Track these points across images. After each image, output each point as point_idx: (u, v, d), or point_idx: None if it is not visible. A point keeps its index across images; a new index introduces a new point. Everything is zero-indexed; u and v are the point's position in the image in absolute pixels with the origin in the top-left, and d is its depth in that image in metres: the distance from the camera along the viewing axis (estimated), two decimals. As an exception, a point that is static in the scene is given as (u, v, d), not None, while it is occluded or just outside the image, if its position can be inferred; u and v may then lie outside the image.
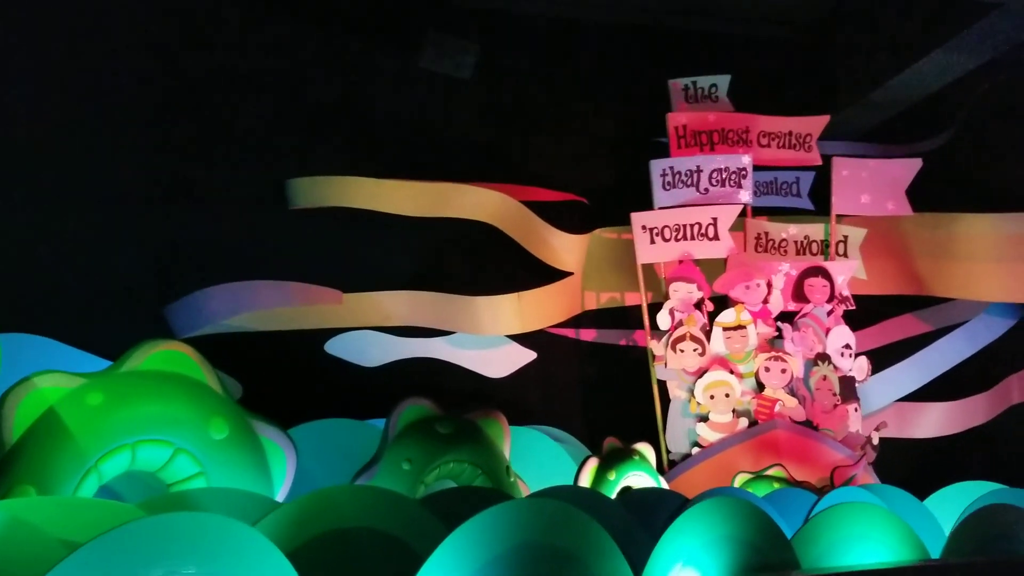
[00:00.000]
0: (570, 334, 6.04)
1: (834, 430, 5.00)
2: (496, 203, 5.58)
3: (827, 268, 5.21)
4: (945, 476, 5.27)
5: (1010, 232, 5.48)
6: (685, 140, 5.56)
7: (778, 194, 5.74)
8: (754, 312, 5.14)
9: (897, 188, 5.35)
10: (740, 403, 4.97)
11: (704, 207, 5.27)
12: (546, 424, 5.47)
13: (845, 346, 5.15)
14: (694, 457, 4.97)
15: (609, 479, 4.06)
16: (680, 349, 5.06)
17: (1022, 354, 5.96)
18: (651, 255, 5.31)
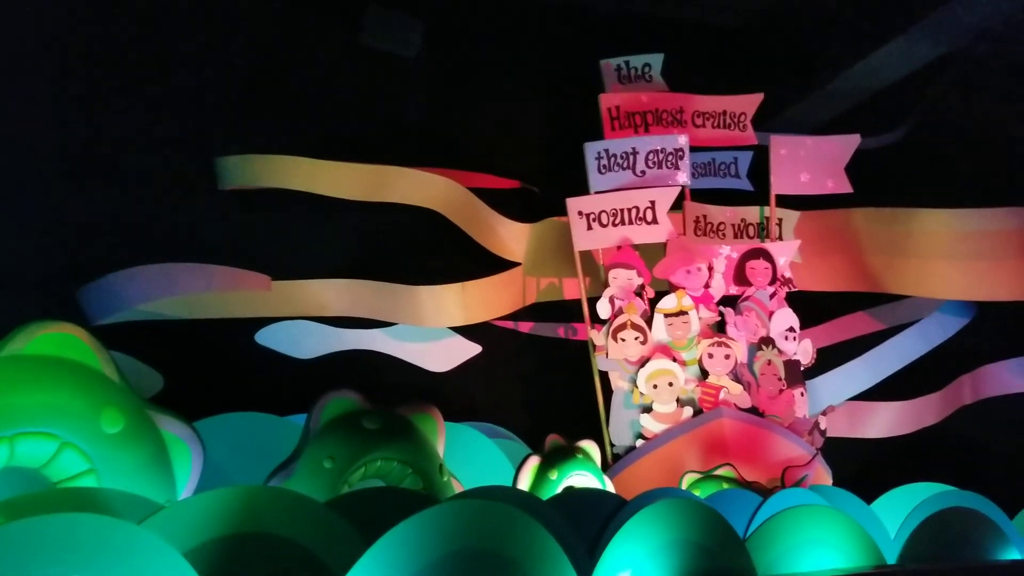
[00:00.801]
0: (516, 327, 5.77)
1: (781, 416, 4.83)
2: (441, 188, 5.31)
3: (768, 250, 5.05)
4: (895, 477, 5.21)
5: (966, 229, 5.38)
6: (619, 121, 5.35)
7: (716, 175, 5.58)
8: (696, 297, 4.96)
9: (836, 166, 5.21)
10: (684, 392, 4.80)
11: (641, 190, 5.06)
12: (490, 421, 5.25)
13: (789, 329, 4.99)
14: (638, 450, 4.76)
15: (551, 479, 3.83)
16: (621, 338, 4.86)
17: (974, 353, 5.88)
18: (589, 242, 5.09)
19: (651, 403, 4.79)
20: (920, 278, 5.52)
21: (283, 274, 5.17)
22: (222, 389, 4.60)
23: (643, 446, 4.76)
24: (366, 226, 5.51)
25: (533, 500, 3.21)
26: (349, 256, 5.50)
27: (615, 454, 4.91)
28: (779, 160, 5.22)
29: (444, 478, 3.40)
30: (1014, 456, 5.91)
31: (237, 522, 2.23)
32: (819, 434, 4.99)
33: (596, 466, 4.07)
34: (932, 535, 3.52)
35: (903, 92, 5.67)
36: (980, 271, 5.44)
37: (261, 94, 5.39)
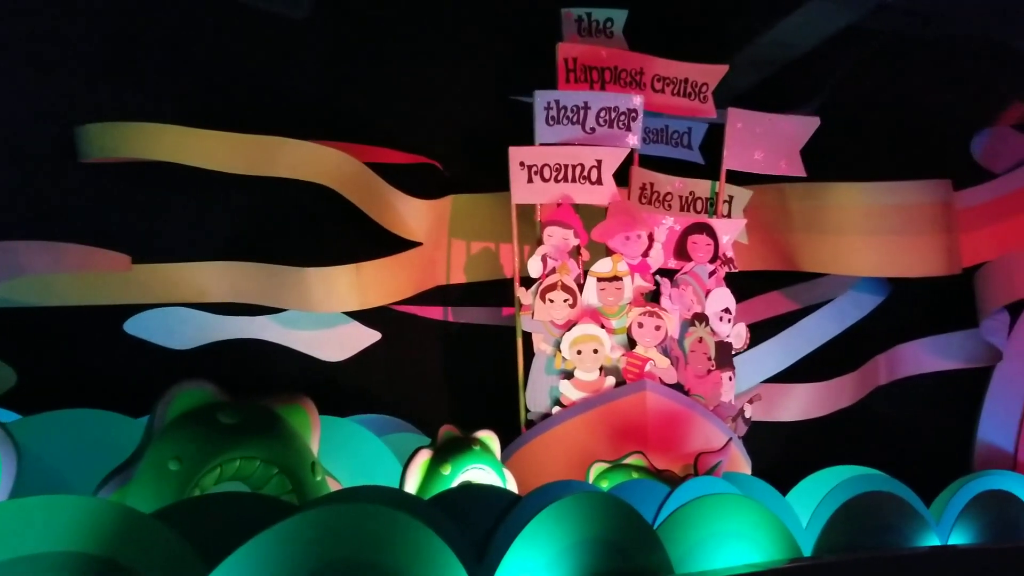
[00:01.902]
0: (423, 311, 5.40)
1: (705, 397, 4.61)
2: (333, 162, 4.89)
3: (712, 226, 4.81)
4: (812, 461, 5.05)
5: (881, 203, 5.27)
6: (575, 74, 5.04)
7: (668, 143, 5.32)
8: (632, 265, 4.69)
9: (792, 147, 5.01)
10: (609, 360, 4.51)
11: (589, 148, 4.78)
12: (395, 413, 4.89)
13: (725, 310, 4.77)
14: (554, 417, 4.47)
15: (443, 474, 3.47)
16: (550, 299, 4.54)
17: (889, 333, 5.78)
18: (527, 195, 4.77)
19: (573, 369, 4.51)
20: (835, 255, 5.38)
21: (155, 256, 4.70)
22: (88, 385, 4.11)
23: (559, 413, 4.48)
24: (249, 203, 5.03)
25: (413, 500, 2.86)
26: (230, 236, 5.02)
27: (529, 420, 4.63)
28: (734, 134, 5.00)
29: (317, 478, 3.01)
30: (930, 437, 5.83)
31: (34, 539, 1.81)
32: (743, 422, 4.78)
33: (495, 458, 3.72)
34: (848, 523, 3.30)
35: (816, 64, 5.49)
36: (895, 246, 5.34)
37: (128, 55, 4.84)
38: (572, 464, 4.06)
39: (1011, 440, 5.67)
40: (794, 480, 4.95)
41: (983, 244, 5.66)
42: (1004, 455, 5.67)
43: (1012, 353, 5.63)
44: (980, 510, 3.69)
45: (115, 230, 4.69)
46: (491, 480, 3.66)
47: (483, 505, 3.10)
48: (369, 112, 5.42)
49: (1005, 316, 5.66)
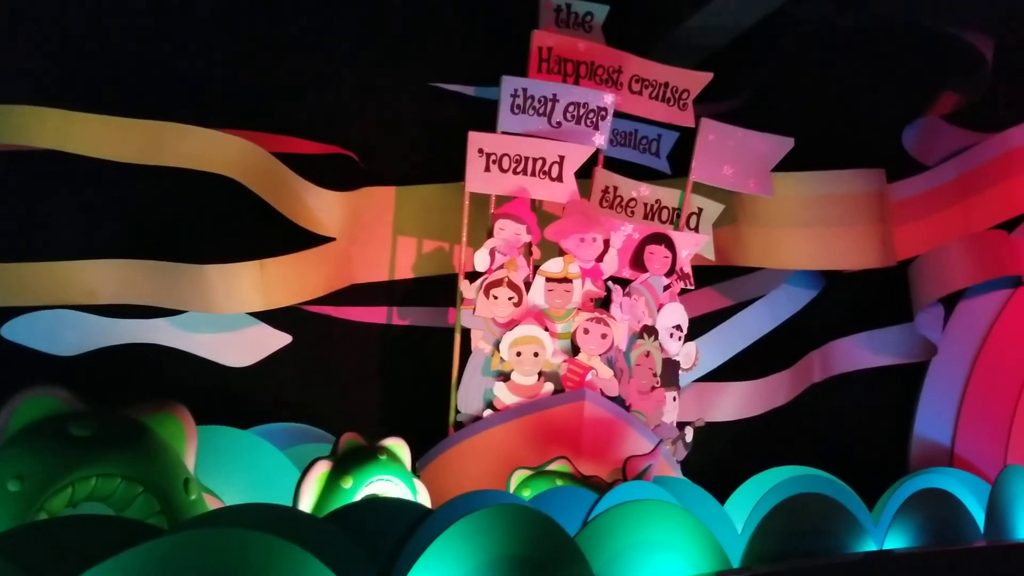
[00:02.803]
0: (338, 312, 5.05)
1: (647, 415, 4.38)
2: (236, 151, 4.54)
3: (672, 238, 4.60)
4: (748, 463, 4.87)
5: (814, 193, 5.13)
6: (548, 64, 4.75)
7: (636, 148, 5.06)
8: (584, 269, 4.44)
9: (763, 166, 4.81)
10: (549, 365, 4.27)
11: (553, 142, 4.53)
12: (306, 422, 4.53)
13: (676, 326, 4.57)
14: (483, 421, 4.22)
15: (344, 488, 3.18)
16: (494, 295, 4.30)
17: (824, 328, 5.63)
18: (483, 184, 4.50)
19: (511, 371, 4.25)
20: (767, 248, 5.21)
21: (38, 254, 4.29)
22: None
23: (490, 417, 4.22)
24: (143, 195, 4.64)
25: (301, 520, 2.55)
26: (122, 231, 4.62)
27: (458, 421, 4.37)
28: (705, 146, 4.77)
29: (191, 497, 2.67)
30: (867, 435, 5.70)
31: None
32: (683, 446, 4.57)
33: (404, 469, 3.43)
34: (778, 529, 3.08)
35: (745, 52, 5.32)
36: (828, 238, 5.20)
37: (3, 30, 4.42)
38: (499, 473, 3.81)
39: (947, 435, 5.58)
40: (729, 484, 4.77)
41: (917, 237, 5.57)
42: (941, 450, 5.58)
43: (947, 347, 5.54)
44: (916, 510, 3.51)
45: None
46: (399, 493, 3.37)
47: (389, 521, 2.84)
48: (280, 98, 5.06)
49: (939, 310, 5.56)
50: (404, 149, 5.24)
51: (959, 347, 5.57)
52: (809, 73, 5.63)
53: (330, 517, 2.82)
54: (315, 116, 5.07)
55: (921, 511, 3.48)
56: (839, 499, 3.75)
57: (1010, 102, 5.71)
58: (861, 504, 4.15)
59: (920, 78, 5.68)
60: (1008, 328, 5.54)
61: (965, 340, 5.57)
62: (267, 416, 4.36)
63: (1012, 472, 4.04)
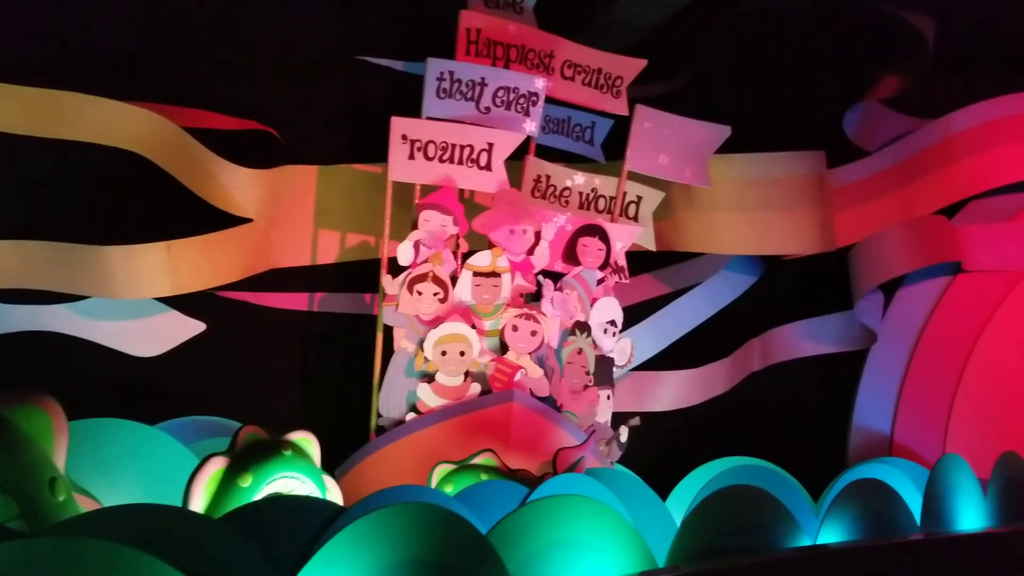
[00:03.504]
0: (257, 298, 4.78)
1: (579, 415, 4.18)
2: (143, 124, 4.25)
3: (606, 229, 4.39)
4: (688, 454, 4.73)
5: (753, 176, 5.00)
6: (476, 47, 4.51)
7: (569, 136, 4.84)
8: (514, 262, 4.22)
9: (699, 154, 4.62)
10: (476, 365, 4.05)
11: (482, 129, 4.31)
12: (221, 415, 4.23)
13: (610, 322, 4.36)
14: (406, 425, 3.99)
15: (241, 486, 2.91)
16: (418, 291, 4.06)
17: (763, 316, 5.51)
18: (406, 172, 4.27)
19: (435, 372, 4.02)
20: (706, 232, 5.08)
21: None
22: None
23: (413, 421, 3.99)
24: (41, 170, 4.34)
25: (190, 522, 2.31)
26: (17, 209, 4.33)
27: (380, 426, 4.14)
28: (640, 134, 4.56)
29: (59, 498, 2.39)
30: (807, 424, 5.60)
31: None
32: (618, 447, 4.38)
33: (312, 465, 3.17)
34: (708, 524, 2.91)
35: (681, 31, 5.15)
36: (768, 222, 5.08)
37: None
38: (423, 480, 3.56)
39: (887, 424, 5.51)
40: (670, 476, 4.62)
41: (857, 223, 5.48)
42: (880, 439, 5.51)
43: (886, 335, 5.46)
44: (851, 503, 3.38)
45: None
46: (307, 492, 3.12)
47: (293, 521, 2.59)
48: (193, 69, 4.75)
49: (879, 297, 5.48)
50: (328, 126, 4.97)
51: (898, 335, 5.50)
52: (747, 54, 5.48)
53: (226, 519, 2.57)
54: (231, 89, 4.78)
55: (856, 503, 3.35)
56: (785, 491, 3.62)
57: (950, 88, 5.65)
58: (806, 496, 4.01)
59: (861, 60, 5.58)
60: (947, 316, 5.49)
61: (905, 328, 5.51)
62: (177, 410, 4.08)
63: (948, 462, 3.95)
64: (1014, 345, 5.39)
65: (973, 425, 5.32)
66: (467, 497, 3.23)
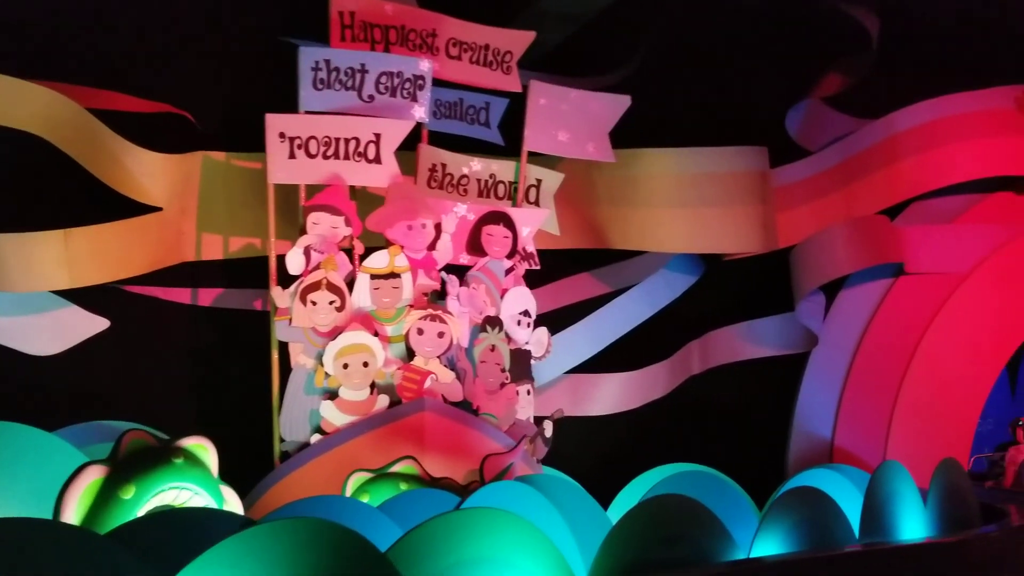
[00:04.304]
0: (167, 294, 4.48)
1: (498, 416, 3.97)
2: (43, 104, 3.93)
3: (511, 216, 4.17)
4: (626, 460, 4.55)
5: (694, 170, 4.86)
6: (352, 31, 4.26)
7: (463, 119, 4.61)
8: (415, 260, 3.99)
9: (600, 128, 4.44)
10: (382, 375, 3.80)
11: (367, 119, 4.05)
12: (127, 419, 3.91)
13: (524, 313, 4.15)
14: (312, 448, 3.72)
15: (123, 499, 2.65)
16: (312, 301, 3.79)
17: (703, 317, 5.36)
18: (288, 173, 3.99)
19: (338, 387, 3.75)
20: (645, 229, 4.92)
21: None
22: None
23: (319, 443, 3.72)
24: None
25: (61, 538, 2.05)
26: None
27: (284, 452, 3.84)
28: (537, 111, 4.36)
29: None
30: (747, 429, 5.46)
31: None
32: (542, 443, 4.16)
33: (206, 474, 2.90)
34: (634, 536, 2.71)
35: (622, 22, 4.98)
36: (708, 219, 4.94)
37: None
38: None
39: (828, 428, 5.40)
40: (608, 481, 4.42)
41: (799, 224, 5.38)
42: (822, 444, 5.40)
43: (828, 338, 5.36)
44: (787, 513, 3.21)
45: None
46: (202, 504, 2.85)
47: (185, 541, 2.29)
48: (101, 47, 4.42)
49: (821, 298, 5.39)
50: (244, 110, 4.66)
51: (840, 338, 5.41)
52: (690, 48, 5.32)
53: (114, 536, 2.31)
54: (143, 69, 4.47)
55: (793, 513, 3.18)
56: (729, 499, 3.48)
57: (892, 88, 5.57)
58: (750, 504, 3.84)
59: (806, 56, 5.47)
60: (889, 318, 5.42)
61: (846, 330, 5.43)
62: (78, 413, 3.82)
63: (887, 470, 3.81)
64: (955, 349, 5.34)
65: (914, 429, 5.26)
66: (394, 506, 3.01)
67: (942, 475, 4.06)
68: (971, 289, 5.40)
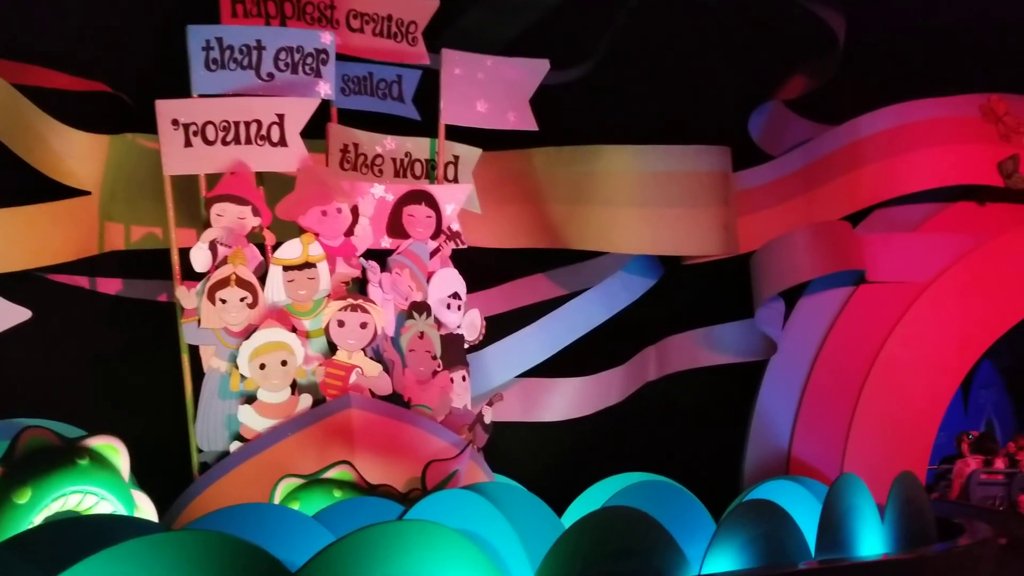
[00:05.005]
0: (84, 283, 4.23)
1: (432, 406, 3.72)
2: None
3: (433, 194, 3.96)
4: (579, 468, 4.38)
5: (654, 169, 4.72)
6: (243, 7, 4.01)
7: (373, 95, 4.38)
8: (332, 247, 3.74)
9: (519, 96, 4.21)
10: (303, 374, 3.56)
11: (268, 99, 3.78)
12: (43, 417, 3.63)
13: (453, 295, 3.94)
14: (232, 457, 3.46)
15: (17, 503, 2.41)
16: (221, 299, 3.54)
17: (661, 322, 5.21)
18: (185, 163, 3.72)
19: (256, 390, 3.50)
20: (604, 230, 4.77)
21: None
22: None
23: (238, 452, 3.45)
24: None
25: None
26: None
27: (203, 463, 3.58)
28: (452, 82, 4.12)
29: None
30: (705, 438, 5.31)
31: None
32: (482, 430, 3.94)
33: (116, 478, 2.67)
34: (579, 550, 2.53)
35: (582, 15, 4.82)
36: (669, 220, 4.80)
37: None
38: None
39: (785, 438, 5.29)
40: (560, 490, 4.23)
41: (761, 229, 5.27)
42: (779, 454, 5.28)
43: (787, 346, 5.25)
44: (742, 526, 3.06)
45: None
46: (109, 511, 2.61)
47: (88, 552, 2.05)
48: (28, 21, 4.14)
49: (780, 305, 5.28)
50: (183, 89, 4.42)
51: (799, 345, 5.31)
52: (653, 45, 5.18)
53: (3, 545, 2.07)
54: (74, 45, 4.20)
55: (747, 528, 3.03)
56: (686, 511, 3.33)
57: (855, 94, 5.50)
58: (707, 516, 3.65)
59: (770, 57, 5.36)
60: (849, 327, 5.33)
61: (805, 338, 5.33)
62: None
63: (845, 483, 3.68)
64: (915, 359, 5.26)
65: (872, 441, 5.18)
66: (331, 516, 2.80)
67: (900, 489, 3.95)
68: (931, 299, 5.32)
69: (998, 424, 9.82)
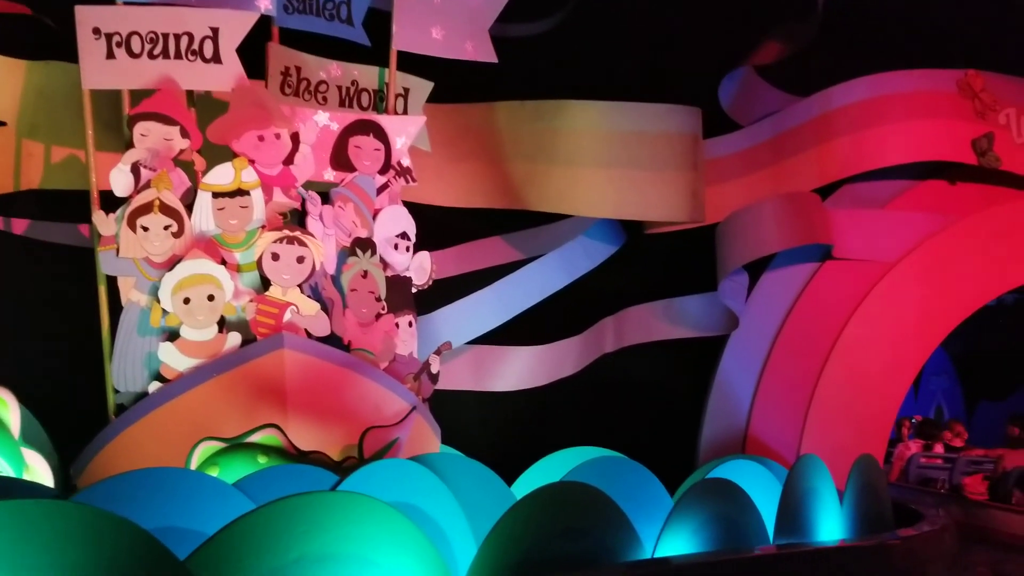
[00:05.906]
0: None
1: (375, 352, 3.42)
2: None
3: (382, 125, 3.64)
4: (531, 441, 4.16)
5: (621, 128, 4.46)
6: None
7: (320, 15, 3.98)
8: (269, 176, 3.41)
9: (479, 25, 3.92)
10: (231, 310, 3.22)
11: (201, 10, 3.44)
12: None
13: (401, 235, 3.64)
14: (151, 398, 3.12)
15: None
16: (143, 226, 3.19)
17: (621, 291, 4.99)
18: (106, 77, 3.37)
19: (179, 326, 3.16)
20: (565, 191, 4.50)
21: None
22: None
23: (158, 392, 3.11)
24: None
25: None
26: None
27: (119, 404, 3.24)
28: (405, 6, 3.80)
29: None
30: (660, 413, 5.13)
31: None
32: (428, 379, 3.65)
33: (3, 435, 2.35)
34: (524, 529, 2.30)
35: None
36: (635, 182, 4.55)
37: None
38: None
39: (743, 416, 5.13)
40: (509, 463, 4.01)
41: (728, 200, 5.06)
42: (735, 432, 5.12)
43: (749, 321, 5.08)
44: (699, 506, 2.86)
45: None
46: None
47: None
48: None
49: (744, 278, 5.11)
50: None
51: (761, 321, 5.15)
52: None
53: None
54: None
55: (703, 508, 2.84)
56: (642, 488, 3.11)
57: (828, 64, 5.30)
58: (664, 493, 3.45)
59: (747, 16, 5.12)
60: (812, 304, 5.18)
61: (768, 314, 5.17)
62: None
63: (805, 465, 3.52)
64: (877, 340, 5.13)
65: (831, 421, 5.04)
66: (253, 484, 2.51)
67: (859, 473, 3.80)
68: (896, 279, 5.19)
69: (947, 411, 9.93)
